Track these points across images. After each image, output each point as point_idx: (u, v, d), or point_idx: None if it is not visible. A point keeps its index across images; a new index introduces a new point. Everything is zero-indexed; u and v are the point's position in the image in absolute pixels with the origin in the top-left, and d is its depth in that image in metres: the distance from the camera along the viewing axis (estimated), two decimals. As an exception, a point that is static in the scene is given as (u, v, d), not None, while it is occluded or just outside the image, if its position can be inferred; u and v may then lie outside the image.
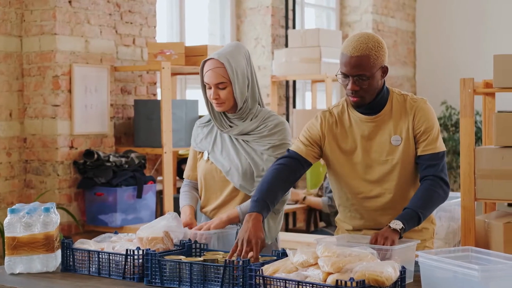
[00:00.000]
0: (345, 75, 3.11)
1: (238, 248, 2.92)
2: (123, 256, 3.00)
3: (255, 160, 3.40)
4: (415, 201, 3.11)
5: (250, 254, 2.90)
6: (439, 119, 9.18)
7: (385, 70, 3.15)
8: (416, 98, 3.23)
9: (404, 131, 3.17)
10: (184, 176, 3.68)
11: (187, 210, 3.49)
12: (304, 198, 7.01)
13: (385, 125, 3.20)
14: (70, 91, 5.64)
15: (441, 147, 3.19)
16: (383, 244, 2.90)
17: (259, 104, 3.50)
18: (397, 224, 2.99)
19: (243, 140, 3.43)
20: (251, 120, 3.43)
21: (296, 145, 3.29)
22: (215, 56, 3.37)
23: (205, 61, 3.40)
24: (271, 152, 3.40)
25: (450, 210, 4.61)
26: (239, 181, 3.40)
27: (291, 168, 3.21)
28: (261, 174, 3.38)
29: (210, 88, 3.38)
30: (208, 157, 3.48)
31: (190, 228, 3.37)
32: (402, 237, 3.01)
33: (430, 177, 3.15)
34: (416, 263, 2.76)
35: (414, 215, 3.07)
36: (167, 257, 2.92)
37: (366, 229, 3.25)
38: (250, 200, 3.23)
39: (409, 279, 2.81)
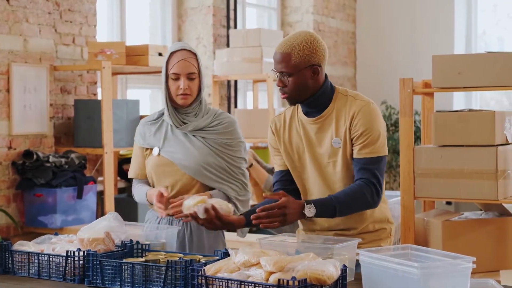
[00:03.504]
0: (275, 71, 3.16)
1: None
2: (64, 258, 2.97)
3: (212, 154, 3.44)
4: (340, 195, 3.06)
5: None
6: (379, 118, 9.27)
7: (315, 70, 3.12)
8: (358, 99, 3.18)
9: (343, 133, 3.16)
10: (132, 176, 3.64)
11: (151, 190, 3.47)
12: (251, 165, 6.62)
13: (328, 127, 3.19)
14: (8, 90, 5.56)
15: (379, 151, 3.14)
16: (271, 221, 2.92)
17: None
18: (310, 212, 2.97)
19: (200, 136, 3.45)
20: (202, 116, 3.46)
21: (275, 164, 3.36)
22: (187, 47, 3.42)
23: (173, 52, 3.42)
24: (229, 151, 3.49)
25: (390, 209, 4.66)
26: (195, 171, 3.41)
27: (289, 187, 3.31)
28: (222, 169, 3.46)
29: (177, 79, 3.40)
30: (159, 152, 3.48)
31: (161, 198, 3.32)
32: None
33: (364, 180, 3.10)
34: (358, 261, 2.78)
35: (331, 210, 3.03)
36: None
37: (319, 231, 3.26)
38: (220, 193, 3.42)
39: (350, 278, 2.84)
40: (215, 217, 3.05)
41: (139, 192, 3.56)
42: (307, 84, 3.12)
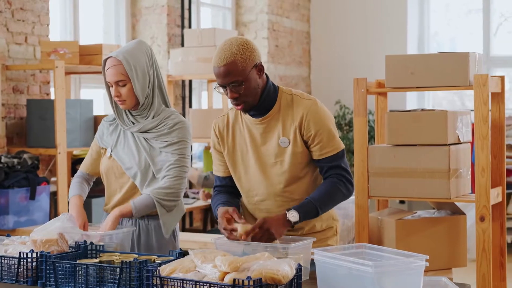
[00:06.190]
0: (223, 86, 3.13)
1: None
2: (16, 259, 2.93)
3: (153, 157, 3.42)
4: (318, 195, 3.14)
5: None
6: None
7: (260, 68, 3.14)
8: (304, 98, 3.21)
9: (292, 133, 3.17)
10: (80, 169, 3.68)
11: (75, 200, 3.52)
12: None
13: (274, 127, 3.20)
14: (-41, 90, 5.47)
15: (338, 146, 3.20)
16: (259, 239, 2.98)
17: (166, 104, 3.52)
18: (294, 216, 3.05)
19: (143, 138, 3.45)
20: (152, 117, 3.45)
21: (215, 168, 3.38)
22: (114, 54, 3.40)
23: (105, 60, 3.42)
24: (168, 149, 3.43)
25: (344, 208, 4.69)
26: (138, 177, 3.41)
27: (229, 194, 3.34)
28: (159, 171, 3.40)
29: (112, 86, 3.41)
30: (110, 153, 3.50)
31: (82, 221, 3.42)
32: (293, 227, 3.09)
33: (335, 175, 3.18)
34: (313, 260, 2.79)
35: (313, 210, 3.11)
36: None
37: None
38: (145, 196, 3.37)
39: (305, 277, 2.85)
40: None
41: (70, 190, 3.61)
42: (258, 85, 3.14)
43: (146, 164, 3.43)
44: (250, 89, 3.11)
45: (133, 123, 3.49)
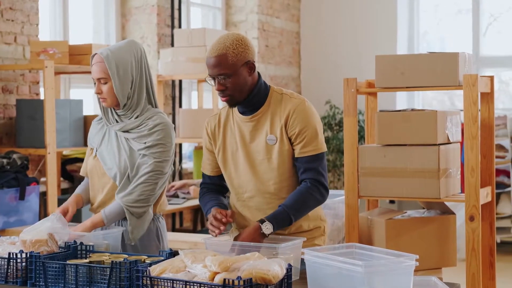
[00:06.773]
0: (212, 77, 3.15)
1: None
2: (6, 260, 2.93)
3: (132, 160, 3.40)
4: (291, 203, 3.15)
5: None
6: (324, 118, 9.33)
7: (251, 66, 3.17)
8: (293, 98, 3.24)
9: (278, 130, 3.20)
10: (81, 174, 3.70)
11: (71, 198, 3.55)
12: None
13: (263, 124, 3.23)
14: None
15: (320, 148, 3.22)
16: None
17: (153, 105, 3.49)
18: (268, 229, 3.07)
19: (124, 138, 3.43)
20: (136, 118, 3.43)
21: (203, 166, 3.41)
22: (99, 51, 3.41)
23: (93, 56, 3.44)
24: (145, 151, 3.40)
25: (334, 208, 4.69)
26: (118, 178, 3.40)
27: (217, 193, 3.41)
28: (135, 174, 3.39)
29: (96, 82, 3.41)
30: (96, 153, 3.48)
31: (65, 213, 3.44)
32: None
33: (309, 181, 3.19)
34: (303, 260, 2.80)
35: (287, 218, 3.13)
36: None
37: None
38: (115, 203, 3.36)
39: (295, 277, 2.85)
40: None
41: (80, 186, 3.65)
42: (246, 82, 3.17)
43: (125, 166, 3.40)
44: (237, 84, 3.14)
45: (117, 122, 3.47)
